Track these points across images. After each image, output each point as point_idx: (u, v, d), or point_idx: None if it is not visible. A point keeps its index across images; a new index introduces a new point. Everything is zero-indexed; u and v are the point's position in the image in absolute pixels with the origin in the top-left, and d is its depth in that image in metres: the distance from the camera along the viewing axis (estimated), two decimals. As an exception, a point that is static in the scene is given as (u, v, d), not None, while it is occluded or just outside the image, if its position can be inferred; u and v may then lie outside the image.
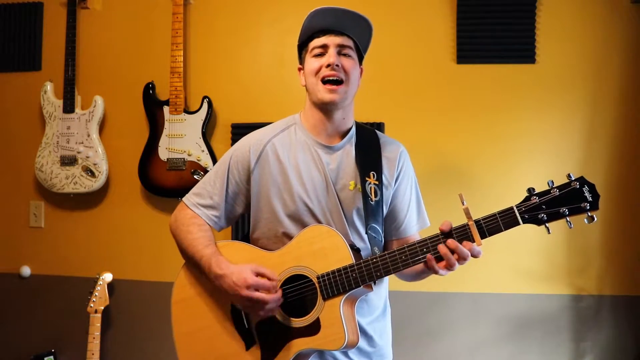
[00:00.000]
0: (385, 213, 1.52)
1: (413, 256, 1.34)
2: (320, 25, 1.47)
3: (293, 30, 2.53)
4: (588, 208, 1.23)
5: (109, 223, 2.65)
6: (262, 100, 2.56)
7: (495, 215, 1.28)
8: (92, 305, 2.44)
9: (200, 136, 2.48)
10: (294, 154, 1.50)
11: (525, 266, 2.39)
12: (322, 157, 1.49)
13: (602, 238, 2.38)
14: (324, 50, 1.46)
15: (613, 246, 2.38)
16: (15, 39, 2.71)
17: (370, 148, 1.53)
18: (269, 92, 2.56)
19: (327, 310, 1.36)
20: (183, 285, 1.55)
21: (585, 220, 1.24)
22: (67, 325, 2.62)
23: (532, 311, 2.38)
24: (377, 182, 1.48)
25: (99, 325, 2.43)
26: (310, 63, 1.47)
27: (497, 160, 2.42)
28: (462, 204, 1.29)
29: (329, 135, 1.52)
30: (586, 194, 1.23)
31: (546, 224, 1.26)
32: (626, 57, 2.38)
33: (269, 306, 1.36)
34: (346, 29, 1.47)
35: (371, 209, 1.45)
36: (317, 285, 1.38)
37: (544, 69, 2.41)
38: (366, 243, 1.48)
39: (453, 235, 1.31)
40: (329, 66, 1.43)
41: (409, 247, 1.35)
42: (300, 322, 1.39)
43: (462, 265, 1.32)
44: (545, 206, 1.25)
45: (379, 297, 1.54)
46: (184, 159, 2.47)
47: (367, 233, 1.44)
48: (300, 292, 1.41)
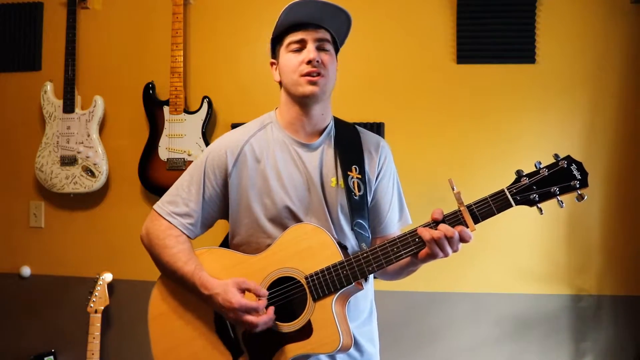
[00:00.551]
0: (369, 208, 1.47)
1: (405, 247, 1.28)
2: (298, 18, 1.38)
3: (293, 30, 2.56)
4: (578, 186, 1.22)
5: (109, 223, 2.64)
6: (262, 100, 2.55)
7: (486, 198, 1.25)
8: (92, 305, 2.44)
9: (200, 136, 2.48)
10: (272, 154, 1.43)
11: (525, 266, 2.39)
12: (302, 156, 1.43)
13: (602, 238, 2.38)
14: (302, 45, 1.39)
15: (613, 246, 2.38)
16: (15, 39, 2.71)
17: (351, 143, 1.47)
18: (268, 92, 2.54)
19: (318, 311, 1.30)
20: (160, 300, 1.46)
21: (575, 199, 1.23)
22: (67, 325, 2.62)
23: (532, 311, 2.38)
24: (359, 176, 1.42)
25: (99, 325, 2.43)
26: (288, 59, 1.40)
27: (497, 160, 2.42)
28: (452, 189, 1.26)
29: (307, 133, 1.45)
30: (575, 172, 1.23)
31: (538, 205, 1.24)
32: (626, 57, 2.38)
33: (259, 328, 1.29)
34: (324, 22, 1.41)
35: (356, 204, 1.40)
36: (305, 287, 1.31)
37: (544, 69, 2.41)
38: (351, 241, 1.43)
39: (445, 222, 1.26)
40: (309, 62, 1.36)
41: (399, 237, 1.29)
42: (290, 326, 1.32)
43: (455, 251, 1.25)
44: (536, 186, 1.24)
45: (365, 298, 1.47)
46: (184, 159, 2.47)
47: (353, 229, 1.39)
48: (288, 295, 1.34)
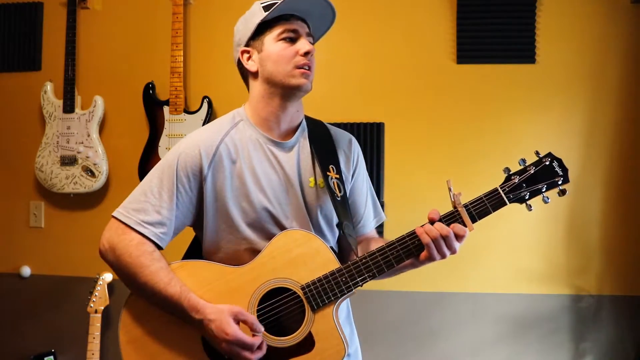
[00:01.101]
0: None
1: (404, 249, 1.25)
2: (295, 9, 1.32)
3: (293, 30, 2.56)
4: (561, 182, 1.27)
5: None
6: (262, 100, 2.56)
7: (482, 198, 1.27)
8: (92, 305, 2.44)
9: (200, 136, 2.48)
10: (248, 155, 1.33)
11: (525, 266, 2.40)
12: (278, 156, 1.35)
13: (602, 238, 2.38)
14: (295, 35, 1.32)
15: (613, 246, 2.38)
16: (15, 39, 2.71)
17: (325, 141, 1.41)
18: (269, 92, 2.56)
19: (319, 322, 1.23)
20: (133, 322, 1.31)
21: (557, 194, 1.28)
22: (67, 325, 2.62)
23: (532, 311, 2.38)
24: (337, 176, 1.36)
25: (99, 325, 2.43)
26: (281, 48, 1.30)
27: (497, 160, 2.41)
28: (450, 190, 1.28)
29: (281, 130, 1.37)
30: (557, 169, 1.28)
31: (527, 202, 1.28)
32: (626, 57, 2.38)
33: None
34: (310, 19, 1.36)
35: (341, 206, 1.34)
36: (302, 297, 1.24)
37: (544, 69, 2.41)
38: (330, 242, 1.39)
39: (443, 222, 1.25)
40: (306, 54, 1.31)
41: (397, 240, 1.26)
42: (289, 340, 1.24)
43: (452, 253, 1.24)
44: (525, 184, 1.27)
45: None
46: (184, 159, 2.47)
47: (342, 232, 1.33)
48: (283, 308, 1.26)
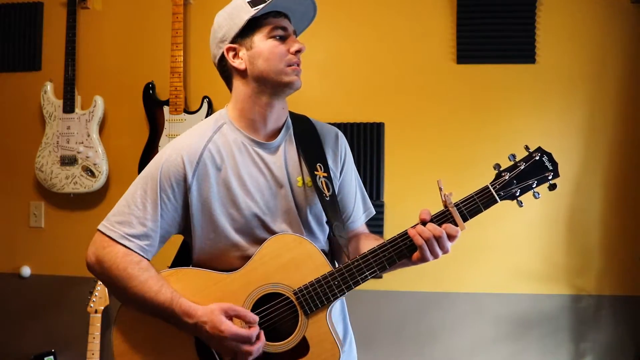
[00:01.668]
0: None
1: (396, 250, 1.24)
2: (286, 6, 1.31)
3: (293, 30, 2.56)
4: (551, 178, 1.26)
5: (109, 223, 2.64)
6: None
7: (472, 196, 1.26)
8: (92, 305, 2.44)
9: (200, 136, 2.47)
10: (233, 159, 1.30)
11: (525, 266, 2.39)
12: (264, 157, 1.32)
13: (602, 238, 2.38)
14: (285, 33, 1.30)
15: (613, 246, 2.38)
16: (15, 39, 2.71)
17: (310, 138, 1.38)
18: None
19: (312, 326, 1.23)
20: (125, 334, 1.30)
21: (547, 188, 1.27)
22: (67, 325, 2.62)
23: (532, 311, 2.38)
24: (325, 174, 1.34)
25: (99, 325, 2.43)
26: (273, 45, 1.28)
27: (496, 160, 2.41)
28: (440, 189, 1.26)
29: (267, 131, 1.35)
30: (547, 164, 1.27)
31: (518, 198, 1.27)
32: (626, 57, 2.38)
33: (253, 356, 1.21)
34: (292, 16, 1.34)
35: (330, 205, 1.32)
36: (295, 302, 1.23)
37: (544, 69, 2.41)
38: (322, 242, 1.38)
39: (435, 222, 1.24)
40: (297, 52, 1.29)
41: (389, 242, 1.24)
42: (284, 345, 1.24)
43: (445, 252, 1.23)
44: (516, 180, 1.26)
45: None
46: (184, 159, 2.47)
47: (333, 233, 1.31)
48: (277, 313, 1.26)
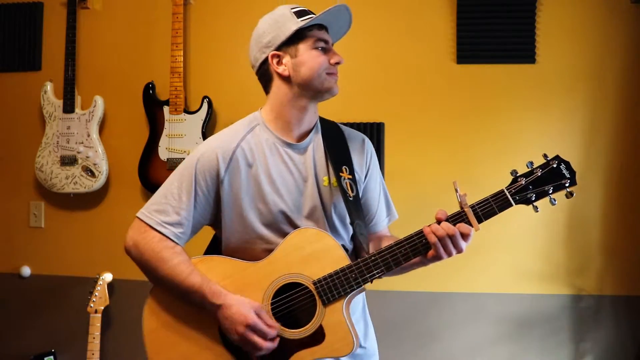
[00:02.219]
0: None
1: (412, 248, 1.30)
2: (329, 21, 1.41)
3: (293, 30, 2.55)
4: (568, 185, 1.30)
5: (109, 223, 2.64)
6: (262, 100, 2.55)
7: (488, 199, 1.31)
8: (92, 305, 2.44)
9: (200, 136, 2.48)
10: (264, 158, 1.40)
11: (525, 266, 2.39)
12: (293, 157, 1.42)
13: (602, 238, 2.38)
14: (327, 46, 1.41)
15: (613, 246, 2.38)
16: (15, 39, 2.71)
17: (338, 142, 1.47)
18: (269, 92, 2.56)
19: (329, 316, 1.30)
20: (155, 313, 1.41)
21: (565, 196, 1.32)
22: (67, 325, 2.62)
23: (532, 311, 2.38)
24: (350, 177, 1.43)
25: (99, 325, 2.43)
26: (316, 55, 1.39)
27: (496, 160, 2.42)
28: (456, 191, 1.32)
29: (298, 132, 1.44)
30: (564, 172, 1.31)
31: (534, 203, 1.31)
32: (626, 57, 2.38)
33: (261, 352, 1.29)
34: (330, 28, 1.44)
35: (352, 206, 1.40)
36: (314, 292, 1.31)
37: (544, 69, 2.41)
38: (345, 240, 1.45)
39: (450, 222, 1.29)
40: (337, 63, 1.41)
41: (406, 239, 1.31)
42: (301, 332, 1.31)
43: (459, 252, 1.28)
44: (532, 186, 1.30)
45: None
46: (184, 159, 2.47)
47: (354, 231, 1.39)
48: (296, 302, 1.33)
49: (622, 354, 2.35)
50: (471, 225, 1.28)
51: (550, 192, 1.30)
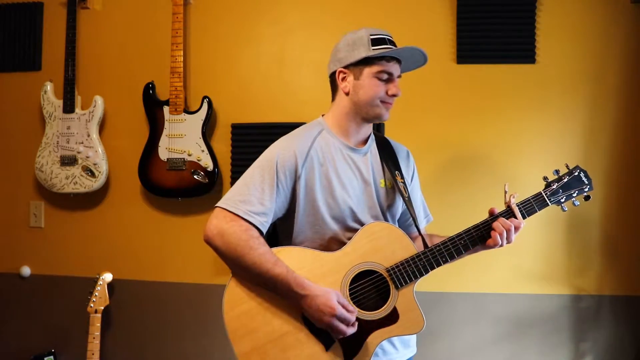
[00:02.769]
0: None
1: (470, 239, 1.52)
2: (398, 54, 1.56)
3: (293, 31, 2.56)
4: (587, 190, 1.61)
5: (109, 223, 2.65)
6: (262, 100, 2.56)
7: (529, 199, 1.56)
8: (92, 305, 2.44)
9: (200, 136, 2.48)
10: (333, 159, 1.57)
11: (525, 266, 2.40)
12: (356, 160, 1.59)
13: (602, 238, 2.38)
14: (389, 77, 1.56)
15: (613, 246, 2.38)
16: (15, 39, 2.71)
17: (389, 151, 1.67)
18: (269, 92, 2.56)
19: (402, 298, 1.47)
20: (237, 300, 1.50)
21: (583, 198, 1.62)
22: (67, 325, 2.62)
23: (532, 311, 2.38)
24: (402, 181, 1.62)
25: (99, 325, 2.43)
26: (375, 84, 1.54)
27: (496, 160, 2.42)
28: (505, 192, 1.56)
29: (357, 139, 1.63)
30: (584, 179, 1.61)
31: (562, 204, 1.61)
32: (626, 57, 2.38)
33: (346, 335, 1.43)
34: (403, 60, 1.60)
35: (408, 204, 1.60)
36: (387, 278, 1.48)
37: (544, 69, 2.41)
38: None
39: (500, 216, 1.53)
40: (393, 95, 1.56)
41: (465, 232, 1.52)
42: (378, 314, 1.47)
43: (509, 242, 1.52)
44: (562, 190, 1.59)
45: None
46: (184, 159, 2.47)
47: (416, 225, 1.60)
48: (371, 286, 1.49)
49: (622, 354, 2.35)
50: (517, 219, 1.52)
51: (575, 195, 1.60)
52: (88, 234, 2.66)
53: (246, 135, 2.52)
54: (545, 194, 1.57)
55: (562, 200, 1.59)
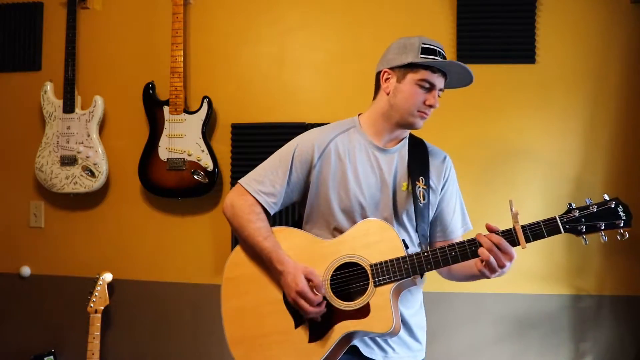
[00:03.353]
0: (431, 217, 1.66)
1: (462, 253, 1.45)
2: (445, 68, 1.57)
3: (293, 31, 2.56)
4: (622, 225, 1.39)
5: (109, 223, 2.65)
6: (262, 100, 2.56)
7: (539, 222, 1.42)
8: (92, 305, 2.44)
9: (200, 136, 2.48)
10: (353, 155, 1.61)
11: (525, 266, 2.39)
12: (379, 160, 1.61)
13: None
14: (431, 87, 1.56)
15: (613, 246, 2.37)
16: (15, 39, 2.71)
17: (420, 155, 1.66)
18: (269, 92, 2.56)
19: (377, 295, 1.47)
20: (236, 264, 1.63)
21: (617, 236, 1.40)
22: (67, 325, 2.62)
23: (532, 311, 2.38)
24: (425, 187, 1.61)
25: (99, 325, 2.43)
26: (415, 92, 1.56)
27: (496, 160, 2.42)
28: (511, 210, 1.41)
29: (387, 140, 1.64)
30: (620, 213, 1.39)
31: (584, 235, 1.41)
32: (626, 57, 2.38)
33: (309, 316, 1.48)
34: (449, 74, 1.61)
35: (420, 211, 1.58)
36: (369, 273, 1.49)
37: (544, 69, 2.41)
38: (414, 241, 1.62)
39: (500, 235, 1.41)
40: (431, 106, 1.57)
41: (458, 244, 1.46)
42: (351, 305, 1.49)
43: (503, 271, 1.41)
44: (584, 219, 1.40)
45: (418, 292, 1.67)
46: (184, 159, 2.47)
47: (416, 232, 1.58)
48: (352, 278, 1.52)
49: (622, 354, 2.35)
50: (518, 244, 1.39)
51: (602, 228, 1.39)
52: (88, 234, 2.66)
53: (246, 135, 2.52)
54: (561, 220, 1.41)
55: (583, 230, 1.40)
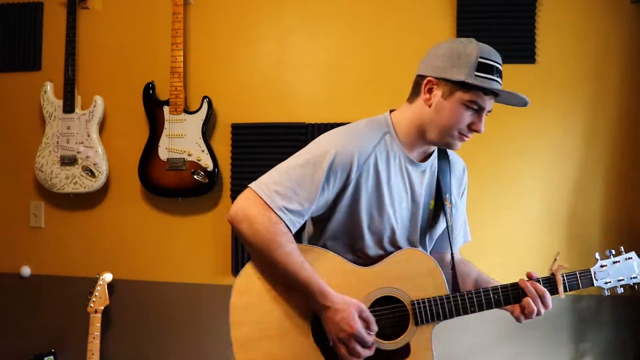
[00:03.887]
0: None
1: (505, 297, 1.46)
2: (496, 91, 1.42)
3: (293, 31, 2.56)
4: (637, 280, 1.47)
5: (109, 223, 2.65)
6: (262, 100, 2.56)
7: (575, 274, 1.47)
8: (92, 305, 2.44)
9: (200, 136, 2.48)
10: (389, 168, 1.43)
11: (525, 266, 2.37)
12: (411, 175, 1.46)
13: (602, 238, 2.38)
14: (480, 110, 1.40)
15: (613, 246, 2.36)
16: (15, 39, 2.71)
17: (446, 168, 1.55)
18: (269, 92, 2.56)
19: (418, 336, 1.39)
20: (247, 285, 1.40)
21: (629, 287, 1.49)
22: (67, 325, 2.62)
23: (532, 311, 2.38)
24: (449, 205, 1.52)
25: (99, 325, 2.43)
26: (460, 113, 1.38)
27: (496, 160, 2.42)
28: (555, 260, 1.47)
29: (419, 153, 1.48)
30: (635, 268, 1.48)
31: (605, 288, 1.49)
32: (626, 57, 2.38)
33: (360, 359, 1.33)
34: (502, 96, 1.46)
35: (444, 232, 1.53)
36: (410, 311, 1.39)
37: (544, 69, 2.41)
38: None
39: (540, 282, 1.44)
40: (474, 131, 1.42)
41: (502, 288, 1.44)
42: (390, 344, 1.38)
43: (538, 315, 1.45)
44: (610, 272, 1.49)
45: None
46: (184, 159, 2.47)
47: (452, 253, 1.52)
48: (391, 315, 1.40)
49: (622, 354, 2.35)
50: (557, 292, 1.45)
51: (623, 282, 1.48)
52: (88, 234, 2.66)
53: (246, 135, 2.52)
54: (594, 274, 1.47)
55: (609, 283, 1.49)
